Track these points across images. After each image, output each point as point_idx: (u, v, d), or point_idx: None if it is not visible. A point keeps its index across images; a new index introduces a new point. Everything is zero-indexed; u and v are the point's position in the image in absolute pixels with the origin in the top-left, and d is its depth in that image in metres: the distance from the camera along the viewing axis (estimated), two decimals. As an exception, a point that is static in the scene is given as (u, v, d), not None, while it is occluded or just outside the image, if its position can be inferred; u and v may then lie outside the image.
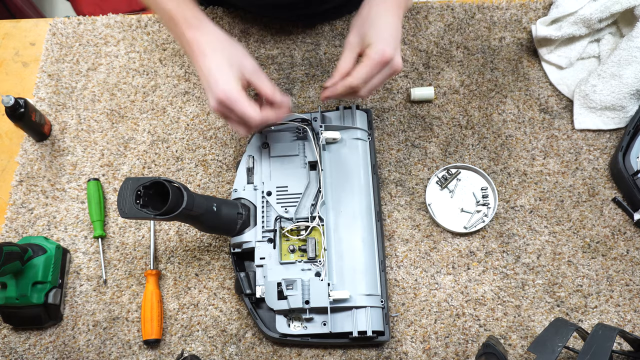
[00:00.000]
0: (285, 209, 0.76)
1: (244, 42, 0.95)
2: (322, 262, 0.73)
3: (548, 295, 0.79)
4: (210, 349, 0.78)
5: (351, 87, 0.69)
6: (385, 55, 0.67)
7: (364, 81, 0.69)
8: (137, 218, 0.63)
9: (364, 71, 0.68)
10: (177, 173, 0.88)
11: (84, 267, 0.83)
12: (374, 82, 0.70)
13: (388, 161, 0.87)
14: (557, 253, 0.81)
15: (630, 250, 0.81)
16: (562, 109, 0.89)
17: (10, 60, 0.98)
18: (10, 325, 0.80)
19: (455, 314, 0.78)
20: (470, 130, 0.88)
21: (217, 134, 0.90)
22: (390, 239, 0.82)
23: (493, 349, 0.71)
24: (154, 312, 0.78)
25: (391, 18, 0.70)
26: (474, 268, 0.81)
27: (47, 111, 0.93)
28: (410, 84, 0.91)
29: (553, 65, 0.91)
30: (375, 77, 0.69)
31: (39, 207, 0.87)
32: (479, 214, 0.83)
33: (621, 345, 0.76)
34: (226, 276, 0.82)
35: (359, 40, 0.70)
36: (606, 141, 0.87)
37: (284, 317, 0.74)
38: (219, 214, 0.72)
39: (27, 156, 0.90)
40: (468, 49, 0.93)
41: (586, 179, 0.85)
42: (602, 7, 0.84)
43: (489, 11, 0.95)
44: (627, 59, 0.82)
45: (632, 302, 0.78)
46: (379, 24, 0.69)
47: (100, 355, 0.79)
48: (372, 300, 0.73)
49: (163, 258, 0.83)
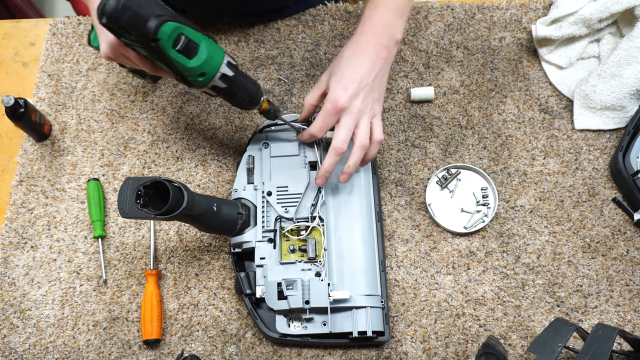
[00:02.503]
0: (286, 209, 0.76)
1: (244, 43, 0.95)
2: (322, 262, 0.73)
3: (548, 295, 0.79)
4: (210, 349, 0.78)
5: (311, 135, 0.72)
6: (337, 103, 0.68)
7: (320, 129, 0.71)
8: (137, 218, 0.63)
9: (318, 119, 0.71)
10: (177, 173, 0.88)
11: (84, 267, 0.83)
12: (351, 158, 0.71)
13: (388, 161, 0.87)
14: (557, 253, 0.81)
15: (630, 250, 0.81)
16: (562, 109, 0.89)
17: (10, 60, 0.98)
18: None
19: (455, 314, 0.78)
20: (470, 130, 0.88)
21: (217, 134, 0.90)
22: (390, 239, 0.82)
23: (493, 349, 0.71)
24: (154, 312, 0.78)
25: (361, 61, 0.69)
26: (474, 268, 0.81)
27: (47, 111, 0.93)
28: (410, 84, 0.91)
29: (553, 65, 0.91)
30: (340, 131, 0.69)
31: (39, 207, 0.87)
32: (479, 214, 0.83)
33: (621, 345, 0.76)
34: (226, 276, 0.82)
35: (326, 80, 0.72)
36: (606, 141, 0.87)
37: (284, 317, 0.74)
38: (219, 213, 0.72)
39: (27, 156, 0.90)
40: (468, 49, 0.93)
41: (586, 179, 0.85)
42: (602, 7, 0.84)
43: (489, 11, 0.95)
44: (627, 59, 0.82)
45: (632, 302, 0.78)
46: (343, 67, 0.69)
47: (100, 355, 0.79)
48: (372, 301, 0.73)
49: (163, 258, 0.83)
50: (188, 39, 0.61)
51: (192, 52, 0.62)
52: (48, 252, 0.84)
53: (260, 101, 0.73)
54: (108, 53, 0.65)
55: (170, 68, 0.63)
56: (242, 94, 0.69)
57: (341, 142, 0.69)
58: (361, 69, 0.69)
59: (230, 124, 0.91)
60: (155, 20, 0.57)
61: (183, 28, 0.60)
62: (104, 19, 0.55)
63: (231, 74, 0.66)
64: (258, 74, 0.93)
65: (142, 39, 0.58)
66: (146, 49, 0.60)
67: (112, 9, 0.55)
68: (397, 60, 0.93)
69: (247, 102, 0.71)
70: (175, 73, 0.63)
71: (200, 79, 0.64)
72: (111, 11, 0.55)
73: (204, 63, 0.63)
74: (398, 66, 0.92)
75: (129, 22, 0.56)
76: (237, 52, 0.95)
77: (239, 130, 0.90)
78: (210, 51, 0.63)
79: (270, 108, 0.74)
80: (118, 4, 0.55)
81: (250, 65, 0.94)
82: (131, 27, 0.56)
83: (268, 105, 0.74)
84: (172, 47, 0.60)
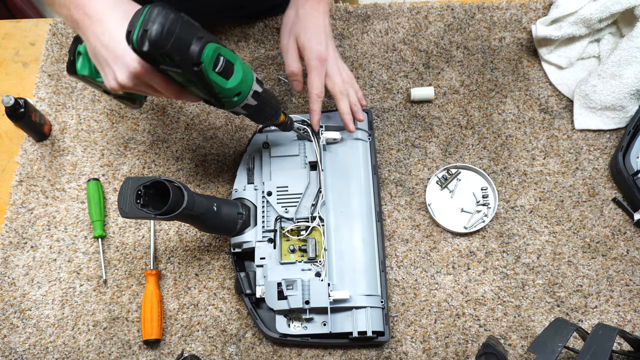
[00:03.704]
0: (286, 209, 0.76)
1: (244, 43, 0.95)
2: (322, 262, 0.73)
3: (548, 295, 0.79)
4: (210, 349, 0.78)
5: (317, 95, 0.75)
6: (322, 56, 0.74)
7: (321, 85, 0.75)
8: (138, 218, 0.63)
9: (313, 79, 0.74)
10: (177, 173, 0.88)
11: (84, 267, 0.83)
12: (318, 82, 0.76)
13: (388, 161, 0.87)
14: (557, 253, 0.81)
15: (630, 250, 0.81)
16: (562, 109, 0.89)
17: (10, 60, 0.98)
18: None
19: (455, 314, 0.78)
20: (470, 130, 0.88)
21: (217, 134, 0.90)
22: (390, 239, 0.82)
23: (493, 349, 0.71)
24: (154, 312, 0.78)
25: (317, 17, 0.75)
26: (474, 268, 0.81)
27: (47, 111, 0.93)
28: (410, 84, 0.91)
29: (553, 65, 0.91)
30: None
31: (39, 207, 0.87)
32: (479, 214, 0.83)
33: (621, 345, 0.76)
34: (226, 276, 0.82)
35: (293, 41, 0.75)
36: (606, 141, 0.87)
37: (284, 317, 0.74)
38: (220, 213, 0.72)
39: (27, 156, 0.90)
40: (468, 49, 0.93)
41: (586, 179, 0.85)
42: (602, 7, 0.84)
43: (489, 11, 0.95)
44: (627, 59, 0.82)
45: (632, 302, 0.78)
46: (308, 25, 0.75)
47: (100, 355, 0.79)
48: (372, 301, 0.73)
49: (163, 258, 0.83)
50: (226, 59, 0.57)
51: (229, 73, 0.58)
52: (48, 252, 0.84)
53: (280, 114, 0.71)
54: (126, 82, 0.57)
55: (205, 90, 0.58)
56: (269, 109, 0.67)
57: (320, 86, 0.75)
58: (322, 23, 0.76)
59: (230, 124, 0.91)
60: (198, 43, 0.53)
61: (221, 48, 0.57)
62: (146, 47, 0.50)
63: (260, 90, 0.64)
64: (258, 74, 0.93)
65: (185, 64, 0.53)
66: (185, 74, 0.54)
67: (158, 35, 0.50)
68: (397, 60, 0.93)
69: (272, 116, 0.69)
70: (209, 95, 0.59)
71: (236, 99, 0.61)
72: (156, 37, 0.50)
73: (240, 82, 0.60)
74: (398, 66, 0.92)
75: (173, 47, 0.51)
76: (238, 52, 0.95)
77: (239, 130, 0.90)
78: (244, 69, 0.60)
79: (287, 119, 0.74)
80: (163, 29, 0.50)
81: (250, 65, 0.94)
82: (175, 52, 0.51)
83: (285, 117, 0.73)
84: (213, 69, 0.56)
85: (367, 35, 0.95)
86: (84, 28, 0.58)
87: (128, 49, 0.54)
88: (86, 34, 0.58)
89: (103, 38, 0.56)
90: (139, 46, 0.51)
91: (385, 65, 0.92)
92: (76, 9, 0.58)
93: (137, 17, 0.51)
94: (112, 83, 0.58)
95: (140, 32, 0.50)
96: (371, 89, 0.91)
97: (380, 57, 0.93)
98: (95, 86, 0.69)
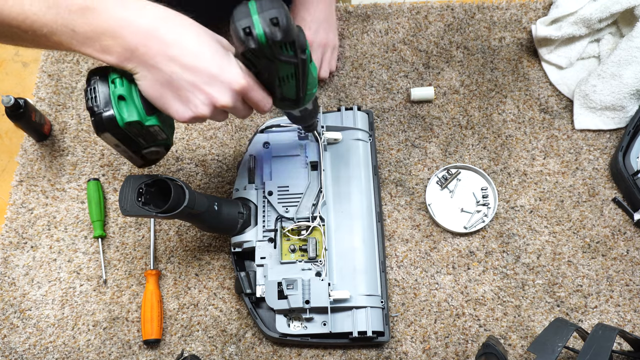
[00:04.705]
0: (286, 209, 0.76)
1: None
2: (322, 262, 0.73)
3: (548, 295, 0.79)
4: (210, 349, 0.78)
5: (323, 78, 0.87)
6: (328, 43, 0.84)
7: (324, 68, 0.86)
8: (139, 216, 0.63)
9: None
10: (177, 173, 0.88)
11: (84, 267, 0.83)
12: None
13: (388, 161, 0.87)
14: (557, 253, 0.81)
15: (630, 250, 0.81)
16: (562, 109, 0.89)
17: (10, 60, 0.98)
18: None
19: (455, 314, 0.78)
20: (470, 130, 0.88)
21: (217, 134, 0.90)
22: (390, 239, 0.82)
23: (493, 349, 0.71)
24: (154, 312, 0.77)
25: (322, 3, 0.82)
26: (474, 268, 0.81)
27: (47, 111, 0.93)
28: (410, 84, 0.91)
29: (553, 65, 0.91)
30: None
31: (39, 207, 0.87)
32: (479, 214, 0.83)
33: (621, 345, 0.76)
34: (226, 276, 0.82)
35: None
36: (606, 141, 0.87)
37: (284, 316, 0.74)
38: (220, 212, 0.72)
39: (27, 156, 0.90)
40: (468, 49, 0.93)
41: (586, 179, 0.85)
42: (602, 7, 0.85)
43: (489, 11, 0.95)
44: (627, 59, 0.82)
45: (632, 302, 0.78)
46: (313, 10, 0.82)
47: (100, 355, 0.79)
48: (372, 301, 0.73)
49: (163, 258, 0.83)
50: None
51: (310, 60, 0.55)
52: (48, 252, 0.84)
53: None
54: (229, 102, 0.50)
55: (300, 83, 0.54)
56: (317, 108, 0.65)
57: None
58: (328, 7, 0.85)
59: (230, 124, 0.91)
60: (296, 27, 0.50)
61: None
62: (279, 35, 0.46)
63: None
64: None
65: (301, 49, 0.50)
66: (298, 63, 0.51)
67: (287, 21, 0.46)
68: (397, 60, 0.93)
69: (316, 114, 0.67)
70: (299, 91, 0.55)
71: (314, 91, 0.57)
72: (288, 23, 0.46)
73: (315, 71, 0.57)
74: (398, 66, 0.92)
75: (295, 32, 0.48)
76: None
77: (239, 130, 0.90)
78: None
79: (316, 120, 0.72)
80: (288, 15, 0.47)
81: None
82: (296, 38, 0.48)
83: None
84: None
85: (367, 35, 0.95)
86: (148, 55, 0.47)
87: (224, 64, 0.48)
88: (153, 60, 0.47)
89: (185, 60, 0.47)
90: (270, 38, 0.46)
91: (385, 65, 0.92)
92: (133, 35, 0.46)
93: (244, 13, 0.46)
94: (202, 110, 0.49)
95: (266, 23, 0.46)
96: (371, 89, 0.91)
97: (380, 57, 0.93)
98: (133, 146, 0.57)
